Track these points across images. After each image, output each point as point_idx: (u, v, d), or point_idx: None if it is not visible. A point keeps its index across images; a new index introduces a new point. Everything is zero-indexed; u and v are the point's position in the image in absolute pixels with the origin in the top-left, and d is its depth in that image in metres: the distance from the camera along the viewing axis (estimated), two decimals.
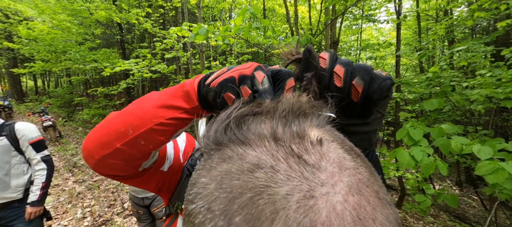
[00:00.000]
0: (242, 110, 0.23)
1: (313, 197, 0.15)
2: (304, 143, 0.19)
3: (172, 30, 2.86)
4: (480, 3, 2.60)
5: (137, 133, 0.38)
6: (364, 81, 0.31)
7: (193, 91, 0.38)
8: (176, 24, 7.66)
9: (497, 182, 0.93)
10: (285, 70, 0.34)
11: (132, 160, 0.42)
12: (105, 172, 0.43)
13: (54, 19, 7.25)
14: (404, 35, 7.98)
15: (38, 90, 17.09)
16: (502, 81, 2.02)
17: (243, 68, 0.34)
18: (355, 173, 0.18)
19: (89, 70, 8.56)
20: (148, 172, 0.53)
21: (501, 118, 3.72)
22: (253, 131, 0.21)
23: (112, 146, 0.39)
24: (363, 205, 0.16)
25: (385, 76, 0.32)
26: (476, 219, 4.42)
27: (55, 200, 3.70)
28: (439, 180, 6.12)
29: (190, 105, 0.38)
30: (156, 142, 0.40)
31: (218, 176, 0.18)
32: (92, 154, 0.41)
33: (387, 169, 2.92)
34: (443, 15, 5.86)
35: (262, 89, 0.31)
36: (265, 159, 0.18)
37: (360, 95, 0.31)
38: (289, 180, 0.16)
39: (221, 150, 0.21)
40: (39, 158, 1.66)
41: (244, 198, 0.16)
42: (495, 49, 2.57)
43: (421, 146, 1.31)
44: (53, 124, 6.74)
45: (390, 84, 0.32)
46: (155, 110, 0.38)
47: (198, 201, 0.18)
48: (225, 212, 0.16)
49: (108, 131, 0.40)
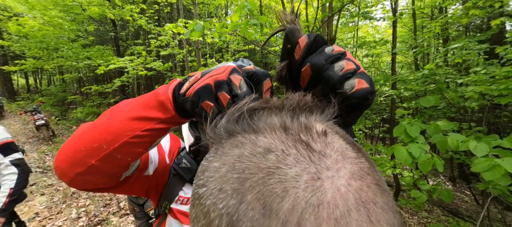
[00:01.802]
0: (253, 104, 0.24)
1: (319, 178, 0.16)
2: (311, 133, 0.20)
3: (167, 27, 2.81)
4: (474, 1, 2.63)
5: (111, 148, 0.36)
6: (324, 91, 0.29)
7: (168, 101, 0.36)
8: (171, 21, 7.54)
9: (494, 179, 0.94)
10: (260, 71, 0.33)
11: (110, 174, 0.41)
12: (82, 187, 0.42)
13: (45, 15, 7.06)
14: (400, 32, 8.04)
15: (30, 88, 16.71)
16: (495, 78, 2.05)
17: (217, 73, 0.32)
18: (357, 162, 0.19)
19: (82, 67, 8.38)
20: (131, 179, 0.51)
21: (493, 115, 3.79)
22: (264, 121, 0.22)
23: (86, 163, 0.37)
24: (365, 190, 0.17)
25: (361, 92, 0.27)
26: (468, 214, 4.53)
27: (49, 200, 3.64)
28: (433, 176, 6.24)
29: (166, 115, 0.37)
30: (134, 154, 0.38)
31: (230, 159, 0.19)
32: (65, 173, 0.38)
33: (384, 167, 2.95)
34: (438, 13, 5.91)
35: (240, 93, 0.30)
36: (276, 144, 0.19)
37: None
38: (298, 163, 0.17)
39: (233, 138, 0.22)
40: (7, 162, 1.52)
41: (255, 178, 0.17)
42: (489, 47, 2.60)
43: (418, 143, 1.32)
44: (46, 123, 6.60)
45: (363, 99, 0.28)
46: (129, 122, 0.37)
47: (209, 184, 0.19)
48: (237, 191, 0.17)
49: (80, 148, 0.37)
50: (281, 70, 0.33)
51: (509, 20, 3.10)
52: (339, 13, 4.17)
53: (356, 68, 0.28)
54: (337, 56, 0.29)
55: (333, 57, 0.29)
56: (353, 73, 0.28)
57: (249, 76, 0.33)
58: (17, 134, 7.30)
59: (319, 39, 0.30)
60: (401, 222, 0.18)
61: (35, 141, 6.88)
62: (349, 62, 0.28)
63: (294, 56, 0.31)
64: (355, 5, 5.77)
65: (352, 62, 0.28)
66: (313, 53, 0.30)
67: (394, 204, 0.18)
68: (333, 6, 3.59)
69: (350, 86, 0.27)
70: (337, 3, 3.47)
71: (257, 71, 0.33)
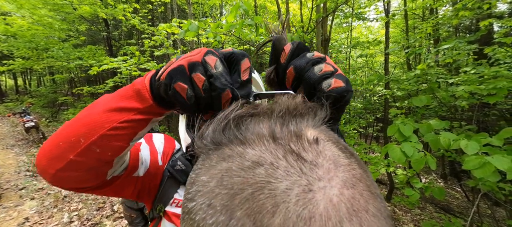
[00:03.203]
0: (240, 111, 0.24)
1: (311, 190, 0.16)
2: (301, 142, 0.20)
3: (161, 27, 2.78)
4: (464, 2, 2.69)
5: (89, 141, 0.35)
6: (305, 89, 0.31)
7: (144, 89, 0.35)
8: (165, 21, 7.46)
9: (484, 176, 0.97)
10: (238, 51, 0.33)
11: (92, 170, 0.39)
12: (65, 186, 0.40)
13: (35, 15, 6.87)
14: (393, 33, 8.18)
15: (18, 89, 16.24)
16: (484, 78, 2.10)
17: (191, 55, 0.32)
18: (349, 169, 0.19)
19: (73, 68, 8.18)
20: (119, 180, 0.49)
21: (483, 114, 3.91)
22: (252, 131, 0.21)
23: (65, 158, 0.36)
24: (357, 198, 0.17)
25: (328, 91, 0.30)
26: (459, 210, 4.65)
27: (40, 205, 3.54)
28: (425, 174, 6.37)
29: (144, 105, 0.35)
30: (114, 148, 0.37)
31: (218, 174, 0.19)
32: (45, 169, 0.37)
33: (378, 165, 2.99)
34: (429, 14, 6.04)
35: (216, 73, 0.29)
36: (265, 157, 0.18)
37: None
38: (288, 176, 0.17)
39: (220, 149, 0.21)
40: None
41: (245, 194, 0.16)
42: (478, 47, 2.67)
43: (411, 141, 1.34)
44: (35, 125, 6.43)
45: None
46: (105, 114, 0.36)
47: (198, 198, 0.19)
48: (226, 207, 0.16)
49: (58, 143, 0.37)
50: (270, 73, 0.35)
51: (497, 21, 3.20)
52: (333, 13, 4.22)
53: (334, 70, 0.31)
54: (317, 60, 0.32)
55: (313, 60, 0.32)
56: (331, 74, 0.31)
57: (226, 57, 0.32)
58: (5, 136, 7.09)
59: (301, 46, 0.34)
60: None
61: (24, 143, 6.69)
62: (328, 65, 0.31)
63: (280, 60, 0.34)
64: (349, 6, 5.84)
65: (330, 65, 0.31)
66: (297, 57, 0.33)
67: (386, 209, 0.18)
68: (327, 7, 3.62)
69: (327, 85, 0.30)
70: (331, 4, 3.51)
71: (235, 51, 0.32)
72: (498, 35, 2.85)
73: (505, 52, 2.50)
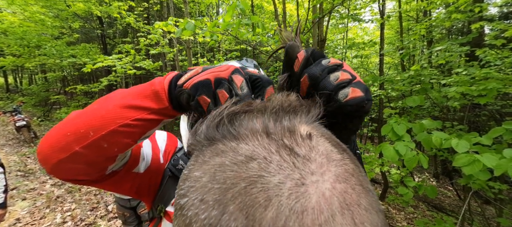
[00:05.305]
0: (234, 108, 0.24)
1: (303, 184, 0.16)
2: (294, 137, 0.20)
3: (157, 25, 2.75)
4: (457, 5, 2.76)
5: (98, 135, 0.35)
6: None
7: (162, 91, 0.35)
8: (161, 19, 7.39)
9: (473, 173, 1.00)
10: (265, 77, 0.33)
11: (95, 164, 0.39)
12: (63, 176, 0.40)
13: (26, 11, 6.72)
14: (387, 34, 8.29)
15: (9, 88, 15.84)
16: (475, 79, 2.16)
17: (219, 70, 0.32)
18: (342, 164, 0.19)
19: (66, 66, 8.03)
20: (118, 175, 0.49)
21: (474, 114, 4.00)
22: (246, 126, 0.21)
23: (70, 149, 0.35)
24: (349, 192, 0.17)
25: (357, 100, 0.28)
26: (451, 208, 4.75)
27: (32, 205, 3.47)
28: (418, 173, 6.49)
29: (159, 106, 0.36)
30: (121, 145, 0.37)
31: (211, 169, 0.19)
32: (47, 158, 0.37)
33: (373, 165, 3.04)
34: (423, 16, 6.15)
35: (241, 94, 0.29)
36: (258, 151, 0.18)
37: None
38: (281, 170, 0.17)
39: (214, 145, 0.21)
40: None
41: (237, 188, 0.16)
42: (469, 49, 2.74)
43: (404, 141, 1.37)
44: (27, 124, 6.28)
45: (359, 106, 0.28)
46: (119, 110, 0.35)
47: (190, 194, 0.18)
48: (219, 202, 0.16)
49: (66, 133, 0.36)
50: (283, 82, 0.34)
51: (487, 24, 3.28)
52: (329, 14, 4.25)
53: (351, 78, 0.29)
54: (333, 67, 0.30)
55: (329, 68, 0.30)
56: (348, 83, 0.29)
57: (252, 79, 0.32)
58: None
59: (316, 53, 0.32)
60: (385, 222, 0.18)
61: (15, 143, 6.54)
62: (345, 73, 0.29)
63: (294, 68, 0.32)
64: (345, 7, 5.89)
65: (348, 73, 0.30)
66: (311, 65, 0.31)
67: (378, 204, 0.18)
68: (324, 7, 3.65)
69: (343, 95, 0.28)
70: (327, 5, 3.54)
71: (261, 76, 0.32)
72: (489, 37, 2.92)
73: (495, 54, 2.57)
